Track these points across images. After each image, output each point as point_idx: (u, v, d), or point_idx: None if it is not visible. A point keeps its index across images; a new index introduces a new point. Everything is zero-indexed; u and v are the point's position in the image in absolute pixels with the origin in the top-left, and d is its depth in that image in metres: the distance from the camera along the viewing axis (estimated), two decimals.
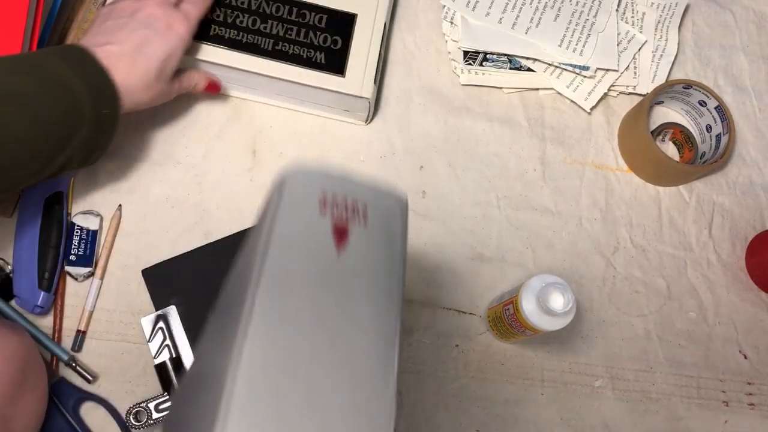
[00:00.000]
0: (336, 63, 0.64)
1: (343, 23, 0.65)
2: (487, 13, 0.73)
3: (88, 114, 0.50)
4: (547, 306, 0.53)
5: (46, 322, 0.60)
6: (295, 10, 0.65)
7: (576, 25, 0.73)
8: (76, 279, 0.61)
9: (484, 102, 0.72)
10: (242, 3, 0.64)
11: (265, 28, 0.64)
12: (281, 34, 0.64)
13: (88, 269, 0.60)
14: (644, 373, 0.66)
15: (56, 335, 0.59)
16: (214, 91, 0.64)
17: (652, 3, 0.77)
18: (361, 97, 0.63)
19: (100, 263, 0.61)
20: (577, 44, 0.72)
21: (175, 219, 0.64)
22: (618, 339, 0.66)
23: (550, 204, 0.70)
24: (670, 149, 0.75)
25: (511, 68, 0.72)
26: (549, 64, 0.73)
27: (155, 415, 0.55)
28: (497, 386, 0.63)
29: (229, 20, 0.63)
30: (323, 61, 0.63)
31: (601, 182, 0.72)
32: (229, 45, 0.63)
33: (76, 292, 0.61)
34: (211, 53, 0.62)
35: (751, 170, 0.75)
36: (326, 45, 0.64)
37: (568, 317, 0.55)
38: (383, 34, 0.66)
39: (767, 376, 0.68)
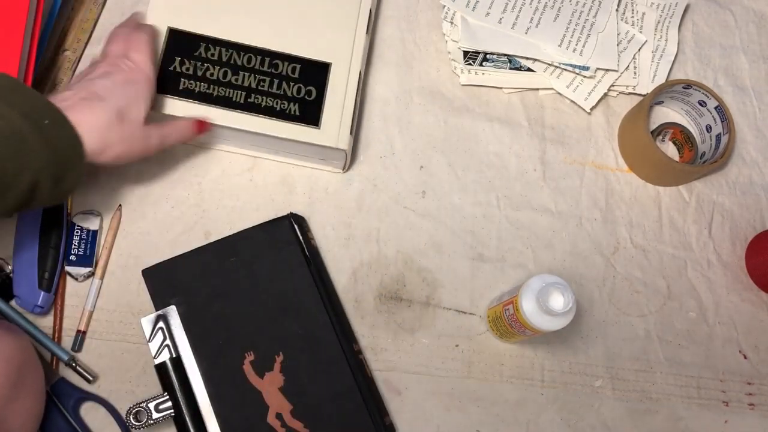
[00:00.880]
0: (311, 114, 0.61)
1: (318, 73, 0.63)
2: (487, 13, 0.73)
3: (22, 127, 0.45)
4: (547, 306, 0.53)
5: (46, 322, 0.60)
6: (267, 60, 0.62)
7: (576, 25, 0.73)
8: (76, 279, 0.61)
9: (484, 102, 0.72)
10: (212, 55, 0.61)
11: (236, 80, 0.61)
12: (253, 85, 0.61)
13: (88, 269, 0.60)
14: (644, 373, 0.66)
15: (56, 335, 0.59)
16: (205, 128, 0.60)
17: (652, 3, 0.77)
18: (337, 149, 0.61)
19: (100, 263, 0.61)
20: (577, 44, 0.72)
21: (175, 219, 0.64)
22: (618, 339, 0.66)
23: (550, 204, 0.70)
24: (670, 149, 0.75)
25: (511, 68, 0.72)
26: (549, 64, 0.73)
27: (155, 415, 0.55)
28: (497, 386, 0.63)
29: (199, 73, 0.61)
30: (297, 113, 0.61)
31: (601, 182, 0.72)
32: (200, 99, 0.60)
33: (76, 292, 0.61)
34: (180, 107, 0.60)
35: (751, 170, 0.75)
36: (300, 96, 0.62)
37: (568, 317, 0.55)
38: (359, 82, 0.64)
39: (767, 376, 0.68)
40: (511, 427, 0.62)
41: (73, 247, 0.60)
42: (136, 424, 0.55)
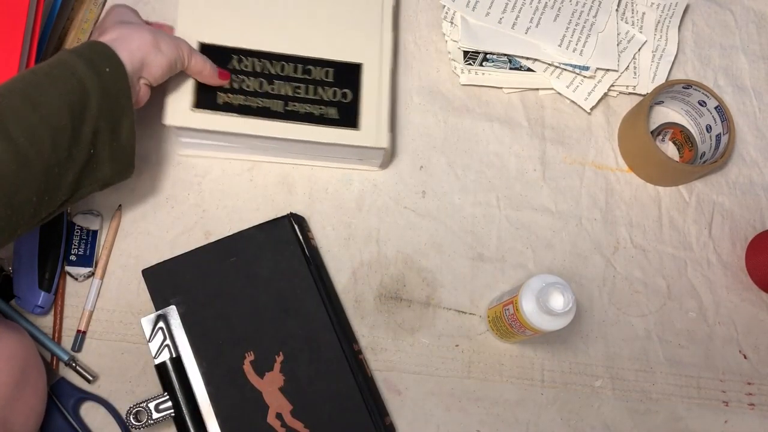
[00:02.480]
0: (349, 116, 0.61)
1: (350, 74, 0.62)
2: (487, 13, 0.73)
3: (85, 75, 0.47)
4: (547, 306, 0.53)
5: (46, 322, 0.60)
6: (300, 66, 0.62)
7: (576, 25, 0.73)
8: (76, 279, 0.61)
9: (484, 102, 0.72)
10: (245, 66, 0.60)
11: (273, 89, 0.60)
12: (290, 93, 0.61)
13: (88, 269, 0.60)
14: (644, 373, 0.66)
15: (56, 335, 0.59)
16: (226, 79, 0.60)
17: (652, 3, 0.77)
18: (377, 149, 0.62)
19: (100, 263, 0.61)
20: (577, 44, 0.72)
21: (175, 219, 0.64)
22: (618, 339, 0.66)
23: (550, 204, 0.70)
24: (670, 149, 0.75)
25: (511, 68, 0.72)
26: (549, 64, 0.73)
27: (155, 415, 0.55)
28: (497, 386, 0.63)
29: (236, 86, 0.60)
30: (336, 116, 0.61)
31: (601, 182, 0.72)
32: (240, 111, 0.60)
33: (76, 292, 0.61)
34: (223, 123, 0.59)
35: (751, 170, 0.75)
36: (336, 99, 0.61)
37: (568, 317, 0.55)
38: (391, 79, 0.64)
39: (767, 376, 0.68)
40: (511, 427, 0.62)
41: (73, 247, 0.60)
42: (136, 424, 0.55)
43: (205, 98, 0.59)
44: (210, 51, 0.60)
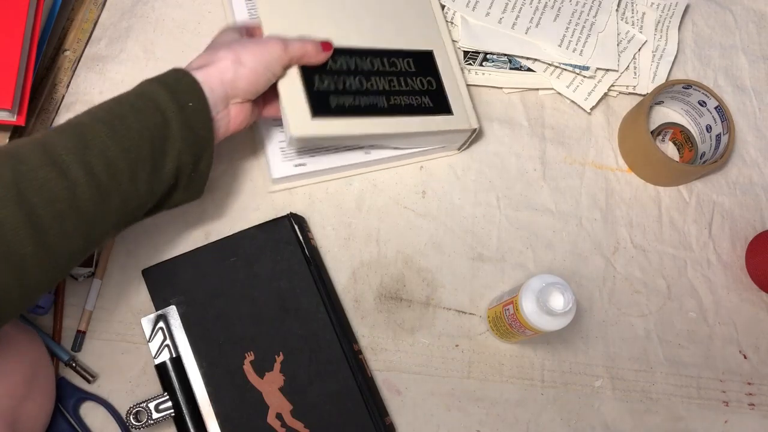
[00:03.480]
0: (441, 103, 0.62)
1: (427, 62, 0.63)
2: (487, 13, 0.73)
3: (168, 108, 0.47)
4: (547, 306, 0.53)
5: (46, 322, 0.60)
6: (385, 60, 0.61)
7: (576, 25, 0.73)
8: (76, 279, 0.61)
9: (484, 102, 0.72)
10: (341, 65, 0.58)
11: (371, 85, 0.59)
12: (387, 87, 0.60)
13: (88, 269, 0.60)
14: (644, 373, 0.66)
15: (56, 335, 0.59)
16: (327, 49, 0.57)
17: (652, 3, 0.77)
18: (471, 130, 0.63)
19: (100, 263, 0.61)
20: (577, 44, 0.72)
21: (175, 219, 0.64)
22: (618, 339, 0.66)
23: (550, 204, 0.70)
24: (670, 149, 0.75)
25: (511, 68, 0.72)
26: (549, 64, 0.73)
27: (155, 415, 0.55)
28: (497, 386, 0.63)
29: (340, 87, 0.58)
30: (431, 104, 0.61)
31: (601, 182, 0.72)
32: (352, 112, 0.58)
33: (76, 292, 0.61)
34: (339, 126, 0.57)
35: (751, 170, 0.75)
36: (425, 88, 0.62)
37: (568, 317, 0.55)
38: (459, 60, 0.64)
39: (767, 376, 0.68)
40: (511, 427, 0.62)
41: None
42: (136, 424, 0.55)
43: (320, 105, 0.56)
44: None
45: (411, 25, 0.64)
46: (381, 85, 0.60)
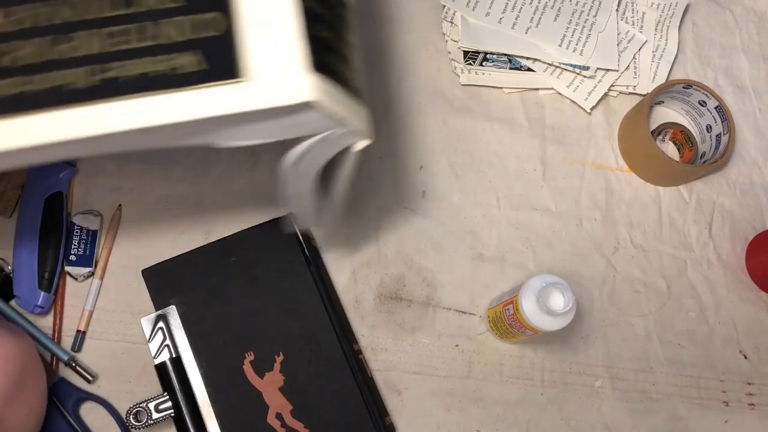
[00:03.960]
0: (223, 60, 0.34)
1: None
2: (487, 13, 0.73)
3: None
4: (547, 306, 0.53)
5: (46, 322, 0.60)
6: None
7: (576, 25, 0.73)
8: (76, 279, 0.61)
9: (484, 102, 0.72)
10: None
11: (64, 51, 0.33)
12: (100, 49, 0.34)
13: (88, 269, 0.60)
14: (644, 373, 0.66)
15: (56, 335, 0.59)
16: None
17: (652, 3, 0.77)
18: (293, 105, 0.33)
19: (100, 263, 0.61)
20: (577, 44, 0.72)
21: (175, 219, 0.63)
22: (618, 339, 0.66)
23: (550, 204, 0.70)
24: (670, 149, 0.75)
25: (511, 68, 0.72)
26: (549, 64, 0.73)
27: (155, 415, 0.55)
28: (497, 386, 0.63)
29: None
30: (198, 67, 0.34)
31: (601, 182, 0.72)
32: (12, 109, 0.33)
33: (76, 292, 0.61)
34: None
35: (751, 170, 0.75)
36: (195, 36, 0.34)
37: (568, 317, 0.55)
38: None
39: (767, 376, 0.68)
40: (511, 427, 0.62)
41: (73, 247, 0.60)
42: (136, 424, 0.55)
43: None
44: None
45: None
46: (86, 46, 0.34)
